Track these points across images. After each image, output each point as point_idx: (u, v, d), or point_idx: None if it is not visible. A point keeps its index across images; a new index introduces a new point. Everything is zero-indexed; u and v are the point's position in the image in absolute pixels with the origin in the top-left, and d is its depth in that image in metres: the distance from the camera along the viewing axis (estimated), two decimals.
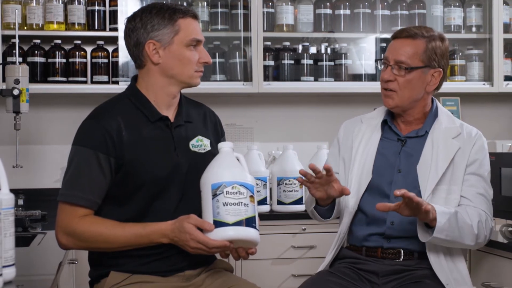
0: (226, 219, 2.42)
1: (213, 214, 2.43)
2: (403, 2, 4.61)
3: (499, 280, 2.92)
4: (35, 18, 4.23)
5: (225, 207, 2.43)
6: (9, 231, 1.90)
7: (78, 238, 2.53)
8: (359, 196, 2.87)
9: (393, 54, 2.86)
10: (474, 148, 2.85)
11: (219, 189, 2.44)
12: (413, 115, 2.91)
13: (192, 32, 2.61)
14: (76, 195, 2.52)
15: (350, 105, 4.70)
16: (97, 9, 4.31)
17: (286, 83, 4.44)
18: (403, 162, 2.87)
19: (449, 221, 2.66)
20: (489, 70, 4.62)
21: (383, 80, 2.88)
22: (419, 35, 2.84)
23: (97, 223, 2.53)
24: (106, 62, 4.32)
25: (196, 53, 2.62)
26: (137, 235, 2.51)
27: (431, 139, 2.86)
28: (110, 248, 2.54)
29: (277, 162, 4.22)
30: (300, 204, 4.08)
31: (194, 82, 2.66)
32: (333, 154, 3.05)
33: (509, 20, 4.72)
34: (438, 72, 2.85)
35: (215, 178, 2.47)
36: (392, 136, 2.93)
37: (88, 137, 2.56)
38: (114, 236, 2.52)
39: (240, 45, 4.42)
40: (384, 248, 2.84)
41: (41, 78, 4.22)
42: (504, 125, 4.86)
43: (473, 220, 2.73)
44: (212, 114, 2.84)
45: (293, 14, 4.49)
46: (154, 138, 2.61)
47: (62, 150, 4.44)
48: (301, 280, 3.96)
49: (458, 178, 2.81)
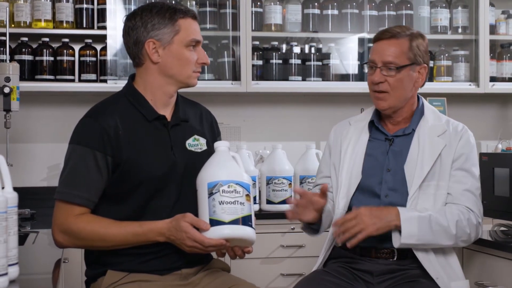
0: (222, 218, 2.43)
1: (209, 212, 2.44)
2: (391, 3, 4.63)
3: (492, 279, 2.94)
4: (23, 15, 4.20)
5: (221, 205, 2.43)
6: (13, 229, 1.90)
7: (74, 236, 2.53)
8: (349, 196, 2.89)
9: (380, 55, 2.87)
10: (460, 143, 2.88)
11: (215, 187, 2.45)
12: (402, 115, 2.93)
13: (192, 32, 2.62)
14: (73, 193, 2.52)
15: (338, 104, 4.72)
16: (85, 7, 4.29)
17: (275, 82, 4.44)
18: (391, 161, 2.88)
19: (418, 225, 2.70)
20: (475, 71, 4.66)
21: (373, 82, 2.88)
22: (402, 34, 2.87)
23: (93, 222, 2.52)
24: (94, 61, 4.30)
25: (195, 53, 2.63)
26: (133, 233, 2.51)
27: (417, 137, 2.88)
28: (107, 246, 2.54)
29: (266, 162, 4.22)
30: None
31: (192, 82, 2.67)
32: (325, 160, 3.07)
33: (495, 22, 4.76)
34: (423, 67, 2.90)
35: (211, 177, 2.48)
36: (379, 136, 2.95)
37: (85, 135, 2.56)
38: (111, 234, 2.51)
39: (229, 45, 4.42)
40: (378, 248, 2.85)
41: (29, 76, 4.19)
42: (490, 126, 4.91)
43: (450, 220, 2.74)
44: (208, 114, 2.85)
45: (281, 14, 4.50)
46: (151, 137, 2.61)
47: (50, 148, 4.45)
48: (290, 279, 4.00)
49: (445, 174, 2.83)
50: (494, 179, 3.11)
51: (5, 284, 1.78)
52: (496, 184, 3.10)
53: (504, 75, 4.75)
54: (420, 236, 2.71)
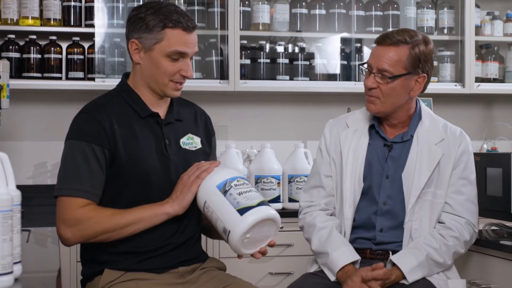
0: (249, 204, 2.42)
1: (234, 206, 2.42)
2: (378, 3, 4.65)
3: (485, 278, 2.96)
4: (10, 13, 4.17)
5: (241, 195, 2.44)
6: (16, 228, 1.88)
7: (82, 226, 2.48)
8: (355, 205, 2.87)
9: (376, 61, 2.82)
10: (459, 150, 2.88)
11: (226, 185, 2.45)
12: (397, 118, 2.90)
13: (176, 44, 2.55)
14: (74, 188, 2.50)
15: (325, 104, 4.73)
16: (73, 5, 4.26)
17: (262, 82, 4.45)
18: (390, 168, 2.87)
19: (421, 270, 2.74)
20: (461, 72, 4.69)
21: (366, 87, 2.85)
22: (402, 42, 2.79)
23: (100, 209, 2.51)
24: (82, 59, 4.27)
25: (177, 65, 2.57)
26: (140, 208, 2.51)
27: (416, 145, 2.86)
28: (115, 230, 2.49)
29: (254, 161, 4.22)
30: (277, 203, 4.10)
31: (168, 92, 2.62)
32: (323, 159, 3.00)
33: (480, 23, 4.80)
34: (422, 77, 2.84)
35: (216, 180, 2.48)
36: (379, 141, 2.92)
37: (82, 130, 2.55)
38: (120, 214, 2.49)
39: (217, 43, 4.41)
40: (372, 250, 2.87)
41: (16, 74, 4.16)
42: (475, 126, 4.95)
43: (446, 254, 2.78)
44: (202, 113, 2.84)
45: (269, 13, 4.51)
46: (144, 134, 2.60)
47: (36, 146, 4.42)
48: (278, 278, 4.00)
49: (443, 183, 2.84)
50: (486, 179, 3.13)
51: (11, 283, 1.76)
52: (488, 184, 3.12)
53: (489, 76, 4.79)
54: (424, 273, 2.75)
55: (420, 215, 2.80)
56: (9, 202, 1.78)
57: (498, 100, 5.03)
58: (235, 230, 2.41)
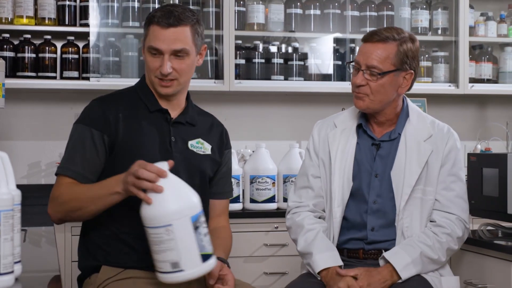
0: (210, 251, 2.32)
1: (199, 248, 2.28)
2: (372, 4, 4.66)
3: (480, 278, 2.98)
4: (5, 12, 4.17)
5: (206, 237, 2.31)
6: (16, 227, 1.88)
7: (57, 202, 2.57)
8: (344, 204, 2.87)
9: (364, 58, 2.83)
10: (447, 147, 2.88)
11: (198, 220, 2.30)
12: (385, 116, 2.91)
13: (152, 40, 2.61)
14: (66, 167, 2.60)
15: (320, 104, 4.74)
16: (68, 4, 4.26)
17: (257, 81, 4.45)
18: (379, 167, 2.88)
19: (414, 267, 2.74)
20: (455, 72, 4.71)
21: (355, 84, 2.85)
22: (390, 39, 2.81)
23: (74, 185, 2.56)
24: (77, 58, 4.27)
25: (158, 61, 2.62)
26: (100, 185, 2.52)
27: (404, 142, 2.87)
28: (80, 206, 2.51)
29: (249, 161, 4.22)
30: (272, 203, 4.10)
31: (158, 89, 2.68)
32: (311, 160, 3.00)
33: (474, 24, 4.81)
34: (409, 74, 2.85)
35: (192, 209, 2.29)
36: (367, 140, 2.92)
37: (86, 115, 2.67)
38: (81, 191, 2.54)
39: (212, 43, 4.41)
40: (365, 250, 2.87)
41: (10, 73, 4.15)
42: (469, 126, 4.97)
43: (439, 251, 2.78)
44: (219, 125, 2.87)
45: (264, 13, 4.51)
46: (149, 126, 2.65)
47: (31, 146, 4.41)
48: (273, 278, 4.01)
49: (432, 180, 2.84)
50: (482, 179, 3.14)
51: (12, 282, 1.76)
52: (484, 184, 3.13)
53: (483, 77, 4.81)
54: (417, 270, 2.75)
55: (410, 213, 2.81)
56: (10, 202, 1.79)
57: (492, 100, 5.05)
58: (189, 273, 2.29)
